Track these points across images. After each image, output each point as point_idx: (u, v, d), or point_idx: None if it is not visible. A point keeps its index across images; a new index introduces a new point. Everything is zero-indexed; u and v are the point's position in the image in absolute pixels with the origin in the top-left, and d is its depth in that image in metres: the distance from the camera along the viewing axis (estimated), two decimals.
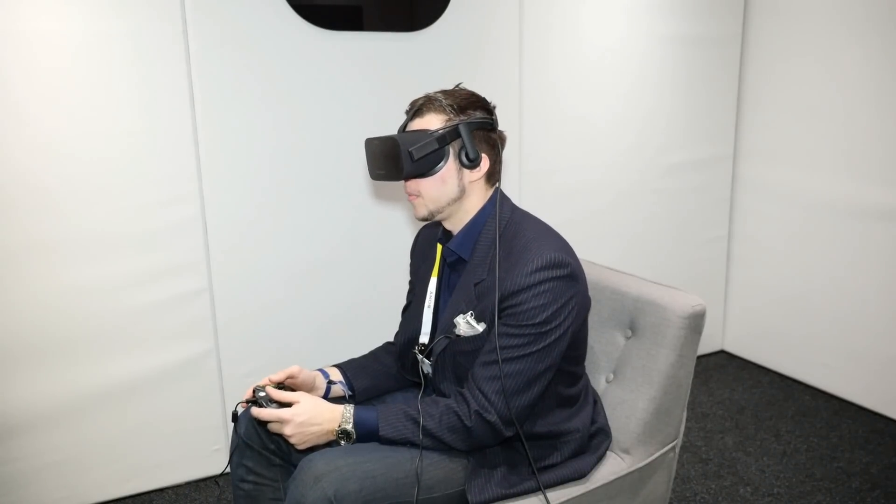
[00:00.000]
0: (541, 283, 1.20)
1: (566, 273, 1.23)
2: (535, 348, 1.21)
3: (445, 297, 1.39)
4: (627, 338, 1.50)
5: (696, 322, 1.39)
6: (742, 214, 3.00)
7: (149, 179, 1.95)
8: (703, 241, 2.99)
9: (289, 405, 1.23)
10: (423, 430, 1.23)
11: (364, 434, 1.24)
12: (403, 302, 1.56)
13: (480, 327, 1.26)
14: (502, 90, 2.39)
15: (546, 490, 1.30)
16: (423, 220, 1.33)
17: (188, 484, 2.17)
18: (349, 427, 1.23)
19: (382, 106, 2.20)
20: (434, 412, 1.24)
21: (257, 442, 1.36)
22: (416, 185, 1.29)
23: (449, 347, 1.31)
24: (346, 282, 2.28)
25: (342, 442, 1.24)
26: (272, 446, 1.37)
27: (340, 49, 2.12)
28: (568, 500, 1.32)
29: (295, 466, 1.33)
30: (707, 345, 3.12)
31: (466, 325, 1.27)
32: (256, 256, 2.13)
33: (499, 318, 1.22)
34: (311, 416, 1.22)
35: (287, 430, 1.21)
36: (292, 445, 1.25)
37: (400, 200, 2.31)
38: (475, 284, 1.28)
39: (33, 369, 1.90)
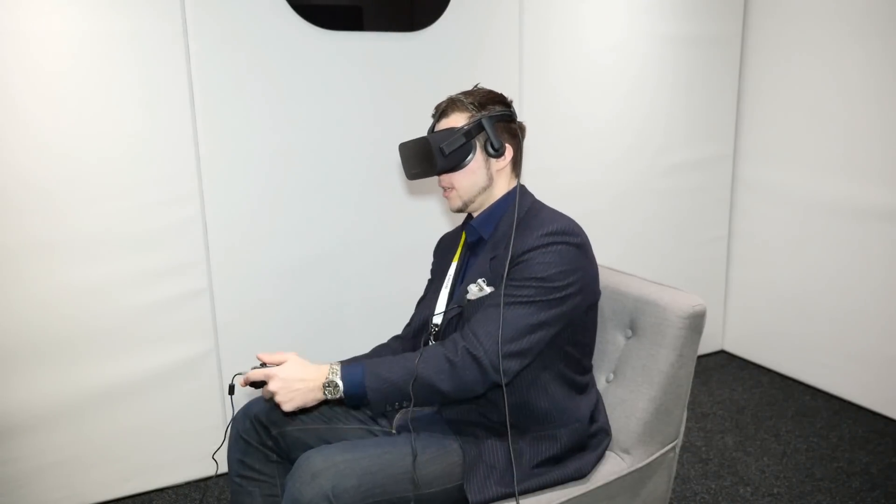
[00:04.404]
0: (551, 244, 1.26)
1: (577, 242, 1.29)
2: (535, 299, 1.25)
3: (463, 278, 1.43)
4: (627, 338, 1.50)
5: (696, 322, 1.39)
6: (742, 214, 3.00)
7: (149, 179, 1.95)
8: (703, 241, 2.99)
9: None
10: (407, 372, 1.21)
11: (350, 385, 1.21)
12: (404, 302, 1.57)
13: (489, 289, 1.31)
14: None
15: (546, 489, 1.30)
16: (458, 211, 1.42)
17: (188, 484, 2.17)
18: (336, 378, 1.21)
19: (382, 106, 2.20)
20: (421, 355, 1.24)
21: (255, 438, 1.37)
22: (449, 178, 1.38)
23: (460, 316, 1.34)
24: (347, 281, 2.28)
25: (327, 394, 1.20)
26: (270, 443, 1.38)
27: (340, 49, 2.12)
28: (568, 500, 1.32)
29: (293, 463, 1.33)
30: (707, 345, 3.12)
31: (476, 287, 1.32)
32: (256, 256, 2.13)
33: (507, 276, 1.27)
34: (297, 372, 1.20)
35: (273, 386, 1.19)
36: (279, 407, 1.21)
37: (400, 201, 2.31)
38: (491, 259, 1.34)
39: (33, 369, 1.90)
